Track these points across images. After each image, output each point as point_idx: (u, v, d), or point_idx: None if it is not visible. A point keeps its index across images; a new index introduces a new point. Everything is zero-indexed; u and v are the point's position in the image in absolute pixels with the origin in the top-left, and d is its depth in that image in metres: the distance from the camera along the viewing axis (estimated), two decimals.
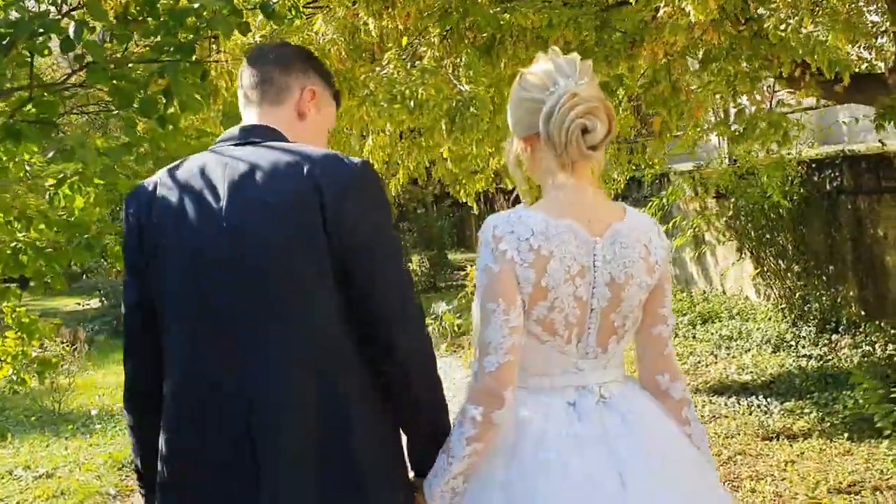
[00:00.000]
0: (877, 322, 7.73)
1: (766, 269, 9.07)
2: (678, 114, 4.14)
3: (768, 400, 6.56)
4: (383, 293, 1.79)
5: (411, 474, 1.96)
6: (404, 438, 1.94)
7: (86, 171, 2.87)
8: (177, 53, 2.90)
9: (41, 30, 2.72)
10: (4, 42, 2.64)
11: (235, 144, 1.88)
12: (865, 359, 7.13)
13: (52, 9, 3.06)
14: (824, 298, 8.33)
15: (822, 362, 7.38)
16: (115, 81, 2.98)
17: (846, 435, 5.55)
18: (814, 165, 8.45)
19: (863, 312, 8.03)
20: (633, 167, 8.43)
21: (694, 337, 8.99)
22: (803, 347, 7.87)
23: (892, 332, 7.53)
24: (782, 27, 3.65)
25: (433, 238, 16.93)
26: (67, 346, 9.37)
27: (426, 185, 16.75)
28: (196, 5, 2.82)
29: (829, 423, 5.87)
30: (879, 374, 5.21)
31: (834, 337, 7.93)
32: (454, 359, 9.60)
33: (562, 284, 1.91)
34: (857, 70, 4.62)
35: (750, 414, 6.34)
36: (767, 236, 8.87)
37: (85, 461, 6.75)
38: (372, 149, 6.18)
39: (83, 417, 8.29)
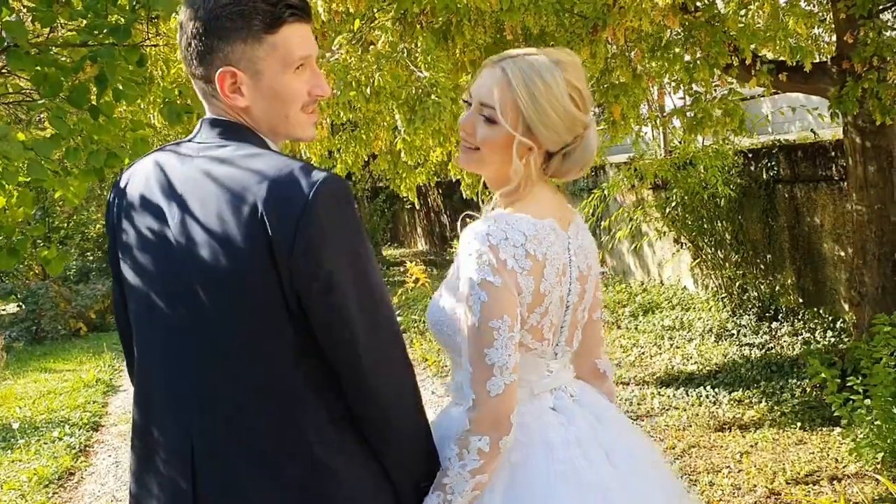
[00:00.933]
0: (815, 310, 7.85)
1: (704, 258, 9.14)
2: (637, 102, 4.03)
3: (716, 390, 6.55)
4: (360, 362, 1.51)
5: None
6: None
7: (8, 167, 2.58)
8: (110, 36, 2.62)
9: None
10: None
11: (200, 146, 1.62)
12: (807, 346, 7.21)
13: None
14: (763, 287, 8.43)
15: (764, 351, 7.45)
16: (39, 67, 2.69)
17: (798, 424, 5.56)
18: (750, 155, 8.52)
19: (801, 301, 8.15)
20: None
21: (636, 328, 8.99)
22: (745, 336, 7.93)
23: (831, 319, 7.65)
24: (742, 13, 3.55)
25: (367, 234, 16.64)
26: None
27: (359, 180, 16.47)
28: None
29: (779, 413, 5.88)
30: (825, 362, 5.23)
31: (774, 325, 8.03)
32: None
33: (555, 287, 1.81)
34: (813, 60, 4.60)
35: (700, 405, 6.32)
36: (706, 226, 8.92)
37: (7, 479, 6.32)
38: (310, 143, 5.93)
39: (3, 431, 7.79)
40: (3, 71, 2.76)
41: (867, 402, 4.58)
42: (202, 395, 1.54)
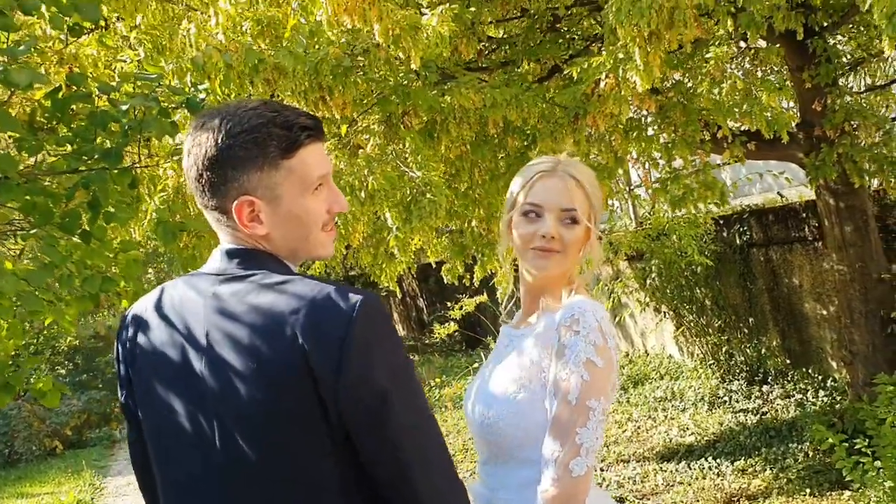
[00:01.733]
0: (803, 370, 7.85)
1: (687, 326, 9.15)
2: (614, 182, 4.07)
3: (718, 461, 6.47)
4: (406, 478, 1.44)
5: None
6: None
7: (2, 302, 2.50)
8: (102, 160, 2.59)
9: None
10: None
11: (218, 277, 1.56)
12: (801, 408, 7.18)
13: None
14: (749, 351, 8.44)
15: (759, 416, 7.40)
16: (29, 197, 2.65)
17: (808, 490, 5.48)
18: (721, 222, 8.64)
19: (788, 362, 8.15)
20: None
21: (628, 401, 8.91)
22: (737, 402, 7.89)
23: (821, 378, 7.65)
24: (716, 91, 3.64)
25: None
26: None
27: (333, 271, 16.39)
28: (124, 107, 2.54)
29: (785, 480, 5.80)
30: (825, 423, 5.20)
31: (765, 388, 8.01)
32: None
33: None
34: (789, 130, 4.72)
35: (704, 478, 6.22)
36: (685, 294, 8.97)
37: None
38: None
39: None
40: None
41: (877, 463, 4.53)
42: None
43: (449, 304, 12.18)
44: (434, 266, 8.51)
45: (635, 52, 3.17)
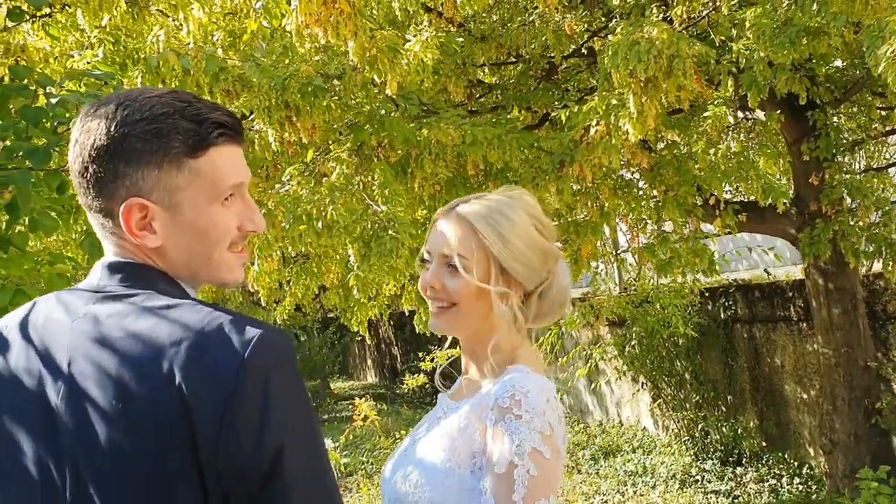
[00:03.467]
0: (779, 454, 7.57)
1: (664, 399, 8.87)
2: (600, 241, 3.84)
3: None
4: None
5: None
6: None
7: None
8: (27, 159, 2.32)
9: None
10: None
11: (95, 295, 1.27)
12: (774, 495, 6.88)
13: None
14: (725, 430, 8.16)
15: (731, 499, 7.09)
16: None
17: None
18: (707, 294, 8.42)
19: (764, 444, 7.87)
20: None
21: (598, 473, 8.56)
22: (709, 483, 7.58)
23: (797, 464, 7.36)
24: (711, 152, 3.43)
25: (316, 367, 16.09)
26: None
27: (309, 311, 16.08)
28: (54, 101, 2.27)
29: None
30: None
31: (738, 470, 7.71)
32: None
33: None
34: (784, 201, 4.52)
35: None
36: (665, 365, 8.71)
37: None
38: (258, 275, 5.62)
39: None
40: None
41: None
42: None
43: (422, 354, 11.86)
44: (408, 314, 8.23)
45: (630, 98, 2.95)
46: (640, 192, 3.89)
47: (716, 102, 3.83)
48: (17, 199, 2.31)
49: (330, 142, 3.72)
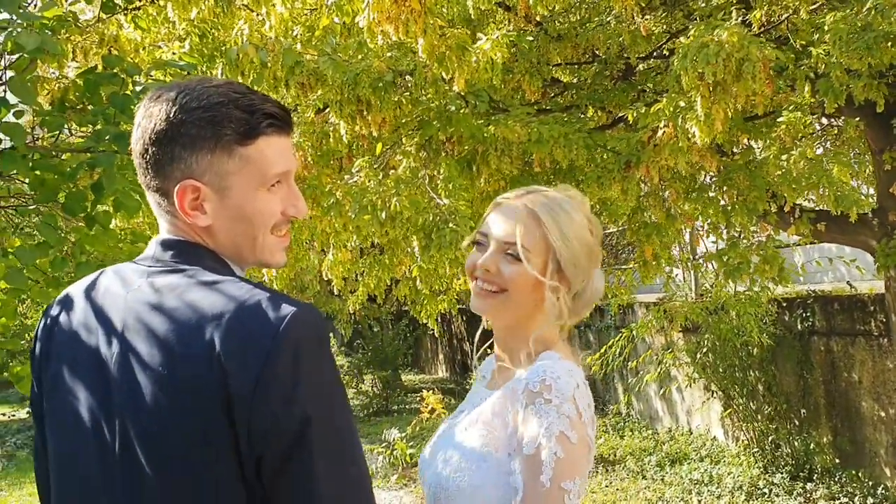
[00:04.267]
0: (853, 472, 7.34)
1: (735, 409, 8.70)
2: (668, 243, 3.83)
3: None
4: None
5: None
6: None
7: None
8: (113, 143, 2.48)
9: None
10: None
11: (149, 269, 1.38)
12: None
13: None
14: (797, 443, 7.94)
15: None
16: (37, 172, 2.55)
17: None
18: (784, 304, 8.22)
19: (837, 461, 7.64)
20: None
21: (662, 480, 8.46)
22: (777, 496, 7.40)
23: (871, 484, 7.13)
24: (783, 158, 3.38)
25: (388, 358, 16.31)
26: None
27: (383, 302, 16.31)
28: (139, 89, 2.43)
29: None
30: None
31: (808, 486, 7.51)
32: (405, 493, 8.90)
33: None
34: (859, 211, 4.40)
35: None
36: (737, 375, 8.54)
37: None
38: (332, 264, 5.77)
39: None
40: (4, 175, 2.62)
41: None
42: None
43: (491, 351, 11.90)
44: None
45: (697, 101, 2.94)
46: (710, 196, 3.85)
47: (790, 108, 3.76)
48: (102, 180, 2.47)
49: (403, 136, 3.81)
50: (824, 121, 5.51)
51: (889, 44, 3.05)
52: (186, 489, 1.23)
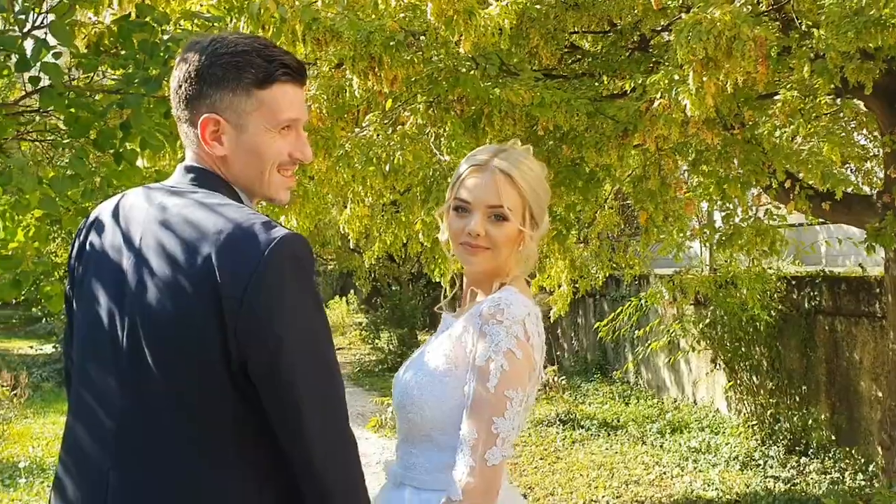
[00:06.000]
0: (847, 449, 7.51)
1: (739, 382, 8.87)
2: (664, 211, 4.00)
3: None
4: (306, 446, 1.45)
5: None
6: None
7: (21, 200, 2.64)
8: (141, 86, 2.71)
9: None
10: None
11: (170, 190, 1.62)
12: (834, 486, 6.87)
13: (16, 28, 2.88)
14: (795, 419, 8.11)
15: (789, 485, 7.11)
16: (73, 109, 2.79)
17: None
18: (793, 282, 8.34)
19: (833, 437, 7.81)
20: (613, 265, 8.32)
21: (661, 446, 8.68)
22: (771, 468, 7.60)
23: (863, 461, 7.30)
24: (777, 134, 3.53)
25: (405, 316, 16.63)
26: (7, 390, 8.88)
27: (403, 262, 16.56)
28: (166, 37, 2.65)
29: None
30: None
31: (803, 460, 7.69)
32: None
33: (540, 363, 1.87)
34: (844, 189, 4.53)
35: None
36: (743, 349, 8.70)
37: None
38: (350, 218, 5.99)
39: (10, 469, 7.77)
40: (40, 110, 2.86)
41: None
42: (124, 445, 1.49)
43: None
44: None
45: (689, 75, 3.10)
46: (710, 169, 4.00)
47: (788, 87, 3.89)
48: (130, 120, 2.71)
49: (417, 93, 4.00)
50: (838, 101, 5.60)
51: (878, 28, 3.16)
52: (181, 372, 1.47)
